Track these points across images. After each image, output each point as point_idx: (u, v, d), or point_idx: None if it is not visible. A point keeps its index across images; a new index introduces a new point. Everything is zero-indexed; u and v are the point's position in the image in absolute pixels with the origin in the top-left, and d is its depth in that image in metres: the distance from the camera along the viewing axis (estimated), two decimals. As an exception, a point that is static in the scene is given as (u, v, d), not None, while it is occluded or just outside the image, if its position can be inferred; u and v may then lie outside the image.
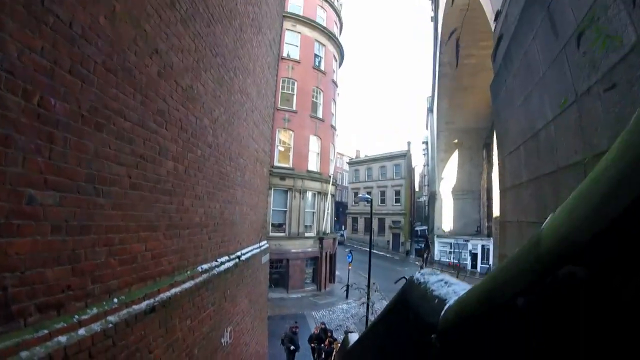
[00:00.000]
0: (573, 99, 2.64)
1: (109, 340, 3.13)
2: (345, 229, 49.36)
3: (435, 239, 36.78)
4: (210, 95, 6.01)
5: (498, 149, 5.63)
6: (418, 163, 51.72)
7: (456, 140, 36.08)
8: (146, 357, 3.82)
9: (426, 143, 46.29)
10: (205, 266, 5.66)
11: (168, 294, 4.31)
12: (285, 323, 17.75)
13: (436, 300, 1.77)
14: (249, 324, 8.41)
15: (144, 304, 3.78)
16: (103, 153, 3.07)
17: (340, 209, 44.63)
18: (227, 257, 6.88)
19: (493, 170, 31.49)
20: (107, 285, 3.21)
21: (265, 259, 10.35)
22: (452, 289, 1.76)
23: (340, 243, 32.93)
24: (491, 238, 32.52)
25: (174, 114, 4.49)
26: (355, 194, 49.85)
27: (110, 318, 3.18)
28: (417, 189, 51.42)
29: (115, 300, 3.31)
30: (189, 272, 5.05)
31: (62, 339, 2.58)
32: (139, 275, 3.80)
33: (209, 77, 5.76)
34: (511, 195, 4.66)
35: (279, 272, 23.58)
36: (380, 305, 15.19)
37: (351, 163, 54.04)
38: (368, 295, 12.94)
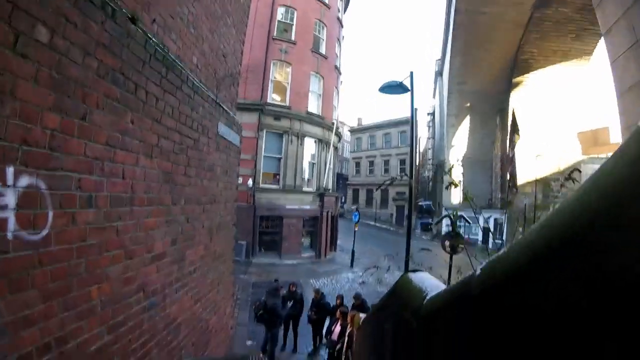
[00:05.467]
0: None
1: None
2: (345, 201, 43.86)
3: (443, 211, 31.56)
4: None
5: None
6: (422, 135, 46.24)
7: (468, 104, 30.84)
8: None
9: (432, 114, 40.83)
10: None
11: None
12: (275, 291, 12.50)
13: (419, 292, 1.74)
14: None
15: None
16: None
17: (340, 181, 39.17)
18: None
19: (507, 137, 26.43)
20: None
21: (229, 133, 4.96)
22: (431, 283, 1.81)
23: (340, 215, 27.54)
24: (505, 210, 27.43)
25: None
26: (357, 164, 44.34)
27: None
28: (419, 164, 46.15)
29: None
30: None
31: None
32: None
33: None
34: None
35: (270, 233, 18.08)
36: (392, 277, 10.63)
37: (353, 131, 47.58)
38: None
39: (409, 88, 7.66)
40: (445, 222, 31.50)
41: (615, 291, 0.52)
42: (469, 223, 19.38)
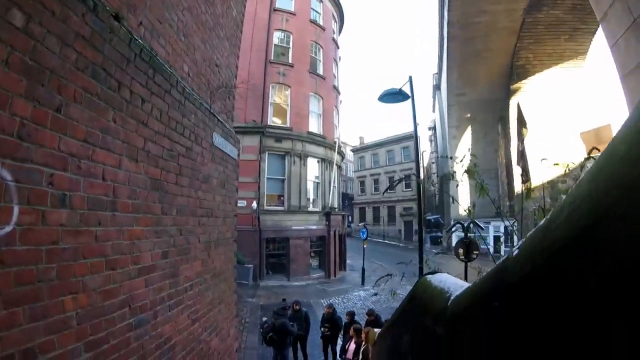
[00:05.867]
0: None
1: None
2: (352, 220, 43.39)
3: (452, 223, 31.03)
4: None
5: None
6: (424, 150, 46.13)
7: (469, 115, 30.83)
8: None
9: (433, 129, 40.85)
10: None
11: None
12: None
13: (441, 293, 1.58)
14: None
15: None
16: None
17: (345, 201, 38.89)
18: None
19: (511, 145, 26.18)
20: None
21: (225, 144, 4.81)
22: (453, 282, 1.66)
23: (348, 235, 27.17)
24: (513, 218, 26.88)
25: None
26: (362, 183, 44.13)
27: None
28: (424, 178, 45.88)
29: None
30: None
31: None
32: None
33: None
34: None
35: (277, 255, 17.77)
36: (406, 290, 10.59)
37: (355, 150, 47.66)
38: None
39: (409, 95, 7.57)
40: (456, 234, 31.06)
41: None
42: (482, 228, 18.89)
